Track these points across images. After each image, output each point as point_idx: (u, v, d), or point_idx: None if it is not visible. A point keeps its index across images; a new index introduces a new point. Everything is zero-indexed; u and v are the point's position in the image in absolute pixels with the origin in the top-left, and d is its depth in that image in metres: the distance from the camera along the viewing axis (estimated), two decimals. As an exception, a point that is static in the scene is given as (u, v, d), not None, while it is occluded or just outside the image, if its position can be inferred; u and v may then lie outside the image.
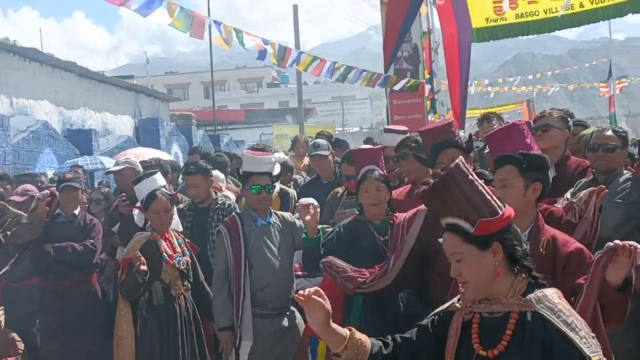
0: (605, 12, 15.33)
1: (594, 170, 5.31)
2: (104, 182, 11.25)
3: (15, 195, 7.87)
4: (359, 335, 2.82)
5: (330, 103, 58.07)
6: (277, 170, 6.16)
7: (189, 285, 6.12)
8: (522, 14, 15.71)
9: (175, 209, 6.34)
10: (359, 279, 4.56)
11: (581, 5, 15.07)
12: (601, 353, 2.59)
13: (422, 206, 4.51)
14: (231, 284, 5.70)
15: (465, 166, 2.84)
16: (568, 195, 4.98)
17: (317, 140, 8.89)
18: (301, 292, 2.80)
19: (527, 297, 2.68)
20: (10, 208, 7.31)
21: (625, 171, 5.20)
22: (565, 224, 4.08)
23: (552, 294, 2.72)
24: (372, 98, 54.60)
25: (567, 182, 5.33)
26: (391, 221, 5.05)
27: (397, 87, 15.41)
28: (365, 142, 9.07)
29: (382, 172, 5.31)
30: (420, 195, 3.51)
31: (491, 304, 2.75)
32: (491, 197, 2.83)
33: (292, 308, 5.89)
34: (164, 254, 5.93)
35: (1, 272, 6.73)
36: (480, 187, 2.81)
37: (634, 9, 15.24)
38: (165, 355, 5.86)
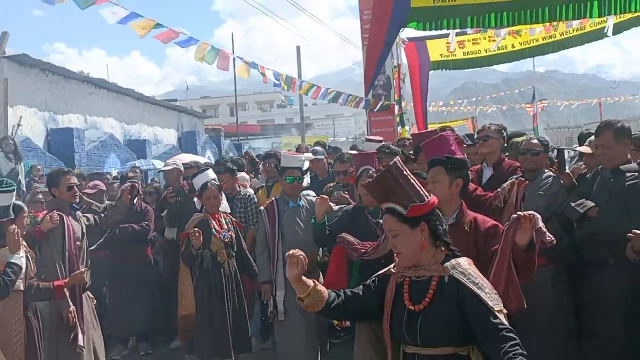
0: (529, 51, 15.35)
1: (523, 169, 5.33)
2: (155, 179, 11.23)
3: (88, 188, 7.91)
4: (320, 287, 2.86)
5: (324, 119, 58.02)
6: (306, 166, 6.23)
7: (232, 253, 6.13)
8: (468, 52, 15.77)
9: (223, 195, 6.35)
10: (361, 250, 4.62)
11: (512, 46, 15.12)
12: (502, 304, 2.64)
13: None
14: (269, 250, 5.80)
15: (401, 165, 2.92)
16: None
17: (315, 147, 8.99)
18: (292, 251, 2.84)
19: (445, 265, 2.75)
20: (85, 198, 7.35)
21: (546, 170, 5.21)
22: (495, 208, 4.15)
23: (464, 262, 2.79)
24: (355, 115, 54.43)
25: (502, 178, 5.35)
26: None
27: (375, 108, 15.46)
28: (351, 149, 9.12)
29: (374, 170, 5.36)
30: (366, 186, 3.60)
31: (418, 269, 2.78)
32: (420, 188, 2.88)
33: (317, 270, 5.93)
34: (213, 230, 5.97)
35: (95, 245, 6.79)
36: (411, 180, 2.87)
37: (551, 50, 15.28)
38: (214, 305, 5.93)
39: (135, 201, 7.46)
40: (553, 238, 3.19)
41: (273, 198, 6.19)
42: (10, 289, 4.51)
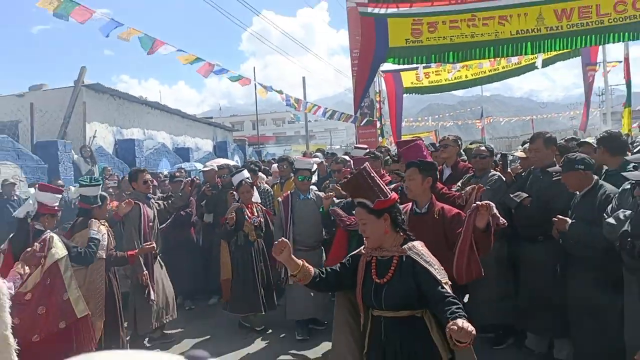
0: (479, 81, 15.43)
1: (474, 169, 5.32)
2: (196, 177, 11.21)
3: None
4: (307, 265, 2.78)
5: (324, 132, 57.94)
6: (314, 167, 6.39)
7: (261, 234, 6.17)
8: (431, 81, 15.84)
9: (255, 189, 6.39)
10: (347, 222, 4.72)
11: (466, 77, 15.18)
12: (447, 279, 2.61)
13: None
14: (284, 231, 5.75)
15: (369, 169, 2.90)
16: (459, 183, 5.03)
17: (317, 153, 8.98)
18: (280, 240, 2.77)
19: (403, 247, 2.70)
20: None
21: (492, 171, 5.20)
22: (458, 205, 4.05)
23: (418, 244, 2.74)
24: (347, 129, 54.36)
25: (458, 176, 5.38)
26: None
27: (362, 123, 15.43)
28: (344, 154, 9.09)
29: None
30: (342, 185, 3.73)
31: (382, 251, 2.74)
32: (384, 187, 2.85)
33: (321, 247, 6.09)
34: (246, 215, 6.02)
35: (164, 224, 6.83)
36: (377, 181, 2.84)
37: (495, 79, 15.33)
38: (246, 273, 6.02)
39: (181, 194, 7.47)
40: (505, 221, 3.18)
41: (288, 192, 6.15)
42: (93, 258, 4.61)
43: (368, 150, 7.27)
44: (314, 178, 6.77)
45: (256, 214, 6.19)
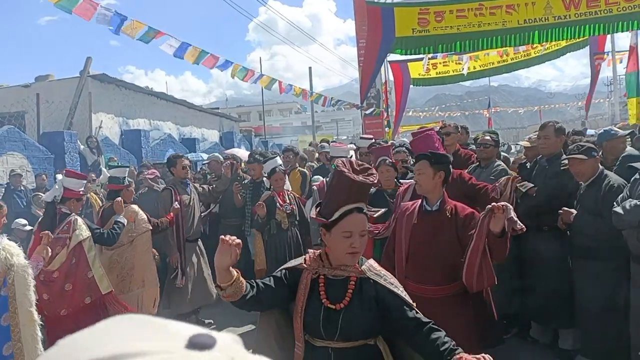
0: (487, 72, 15.34)
1: (478, 159, 5.31)
2: (203, 167, 11.17)
3: (149, 174, 7.93)
4: (241, 279, 2.08)
5: (330, 122, 57.77)
6: (350, 155, 6.03)
7: (295, 222, 5.97)
8: (439, 72, 15.76)
9: (286, 177, 6.23)
10: (374, 231, 4.16)
11: (474, 68, 15.09)
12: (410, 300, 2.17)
13: (412, 182, 4.12)
14: None
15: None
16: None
17: (323, 143, 8.92)
18: (228, 237, 1.99)
19: (362, 267, 2.18)
20: (148, 180, 7.33)
21: (497, 161, 5.19)
22: (492, 199, 3.65)
23: (374, 263, 2.26)
24: (353, 119, 54.28)
25: (459, 164, 5.40)
26: (398, 189, 4.71)
27: (367, 113, 15.40)
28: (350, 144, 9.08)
29: (391, 160, 5.08)
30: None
31: (335, 269, 2.17)
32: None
33: None
34: (277, 203, 5.84)
35: (207, 211, 6.90)
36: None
37: (505, 70, 15.25)
38: (280, 262, 5.60)
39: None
40: (523, 226, 2.87)
41: (323, 180, 5.85)
42: (116, 240, 4.93)
43: (373, 140, 7.25)
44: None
45: (288, 201, 5.98)
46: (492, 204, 2.87)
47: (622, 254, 3.67)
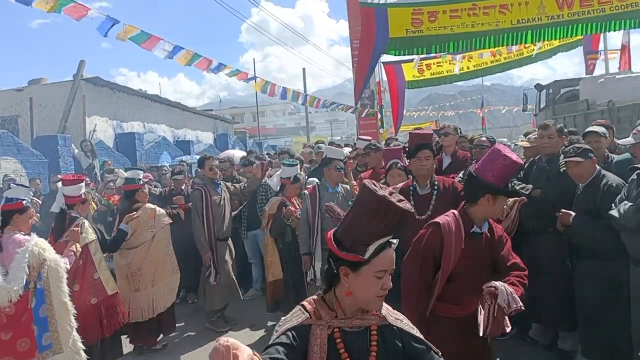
0: (480, 72, 15.36)
1: (474, 159, 5.31)
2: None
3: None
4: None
5: (324, 123, 57.89)
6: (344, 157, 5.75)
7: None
8: (433, 72, 15.76)
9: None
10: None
11: (467, 68, 15.11)
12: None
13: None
14: (310, 227, 5.25)
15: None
16: (460, 175, 4.94)
17: (320, 144, 8.88)
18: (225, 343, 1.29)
19: (382, 313, 1.80)
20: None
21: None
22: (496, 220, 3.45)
23: (385, 304, 1.85)
24: (348, 120, 54.33)
25: (457, 165, 5.40)
26: None
27: (362, 114, 15.40)
28: (345, 146, 9.04)
29: (402, 164, 4.92)
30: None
31: (351, 319, 1.76)
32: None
33: None
34: (291, 208, 5.60)
35: (237, 210, 6.90)
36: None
37: (498, 70, 15.28)
38: (296, 271, 5.55)
39: (183, 187, 7.44)
40: (521, 306, 2.62)
41: (316, 184, 5.59)
42: (118, 247, 5.21)
43: (371, 141, 7.24)
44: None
45: (299, 206, 5.73)
46: (494, 297, 2.64)
47: (622, 254, 3.66)
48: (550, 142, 4.56)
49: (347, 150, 6.92)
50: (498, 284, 2.65)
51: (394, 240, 1.76)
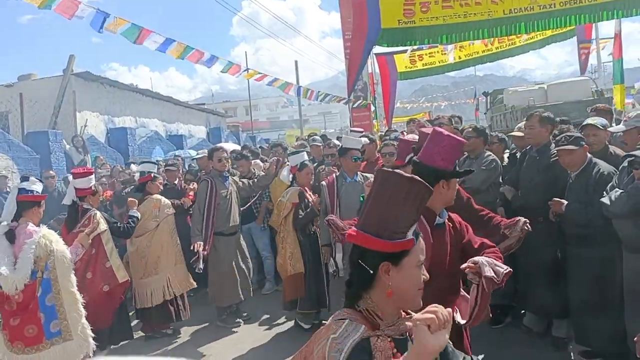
0: (472, 61, 15.35)
1: (464, 150, 5.29)
2: (192, 164, 11.12)
3: (133, 172, 7.90)
4: None
5: (317, 116, 57.80)
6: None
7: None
8: (425, 63, 15.74)
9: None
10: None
11: (459, 57, 15.10)
12: None
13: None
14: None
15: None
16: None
17: (314, 136, 8.88)
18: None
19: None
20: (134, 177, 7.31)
21: (487, 152, 5.18)
22: (503, 234, 3.22)
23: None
24: (341, 112, 54.27)
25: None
26: None
27: (355, 106, 15.39)
28: (337, 139, 8.99)
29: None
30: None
31: (398, 325, 1.59)
32: None
33: None
34: (310, 199, 5.56)
35: (247, 205, 6.85)
36: None
37: (490, 60, 15.29)
38: (316, 264, 5.49)
39: (176, 182, 7.42)
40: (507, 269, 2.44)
41: (334, 174, 5.40)
42: (131, 233, 5.43)
43: (363, 133, 7.26)
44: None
45: (315, 196, 5.61)
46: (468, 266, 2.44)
47: (614, 241, 3.70)
48: (532, 133, 4.60)
49: (365, 140, 6.67)
50: (476, 258, 2.45)
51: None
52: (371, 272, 1.57)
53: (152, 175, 5.99)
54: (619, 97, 13.23)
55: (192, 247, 5.67)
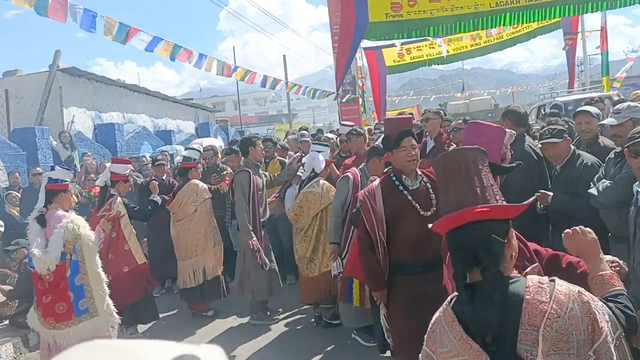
0: (461, 55, 15.45)
1: (454, 142, 5.37)
2: (178, 157, 11.07)
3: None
4: None
5: (306, 110, 57.80)
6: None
7: None
8: (413, 57, 15.79)
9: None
10: None
11: (447, 52, 15.15)
12: None
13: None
14: (344, 214, 4.76)
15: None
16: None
17: (303, 132, 8.84)
18: None
19: None
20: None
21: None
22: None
23: None
24: (330, 106, 54.25)
25: (441, 148, 5.45)
26: None
27: (344, 100, 15.40)
28: (329, 132, 9.01)
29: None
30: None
31: None
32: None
33: None
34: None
35: (271, 197, 6.78)
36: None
37: (479, 54, 15.36)
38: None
39: (164, 177, 7.40)
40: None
41: (356, 171, 5.00)
42: (149, 217, 6.06)
43: (353, 126, 7.27)
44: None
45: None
46: None
47: (601, 231, 3.74)
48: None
49: (331, 136, 6.73)
50: None
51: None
52: (504, 241, 1.54)
53: (196, 162, 6.45)
54: (606, 89, 13.37)
55: (250, 247, 5.49)
